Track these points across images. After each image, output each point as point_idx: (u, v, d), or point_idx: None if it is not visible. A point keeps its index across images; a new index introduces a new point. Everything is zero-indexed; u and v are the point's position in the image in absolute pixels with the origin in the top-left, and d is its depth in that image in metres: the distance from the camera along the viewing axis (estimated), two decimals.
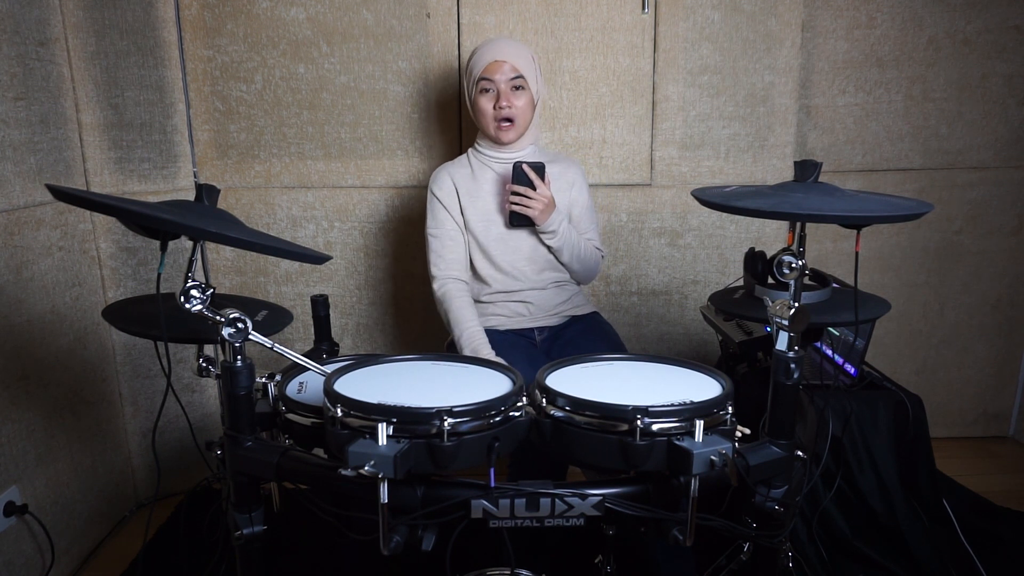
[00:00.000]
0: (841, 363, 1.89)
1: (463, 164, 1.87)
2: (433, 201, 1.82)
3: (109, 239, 2.04)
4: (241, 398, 1.08)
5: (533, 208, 1.72)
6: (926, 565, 1.71)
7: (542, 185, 1.73)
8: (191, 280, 1.02)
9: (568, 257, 1.83)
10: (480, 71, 1.73)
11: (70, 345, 1.90)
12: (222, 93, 2.17)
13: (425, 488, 1.01)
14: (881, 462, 1.74)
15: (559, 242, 1.79)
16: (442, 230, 1.81)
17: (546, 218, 1.75)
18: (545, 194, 1.73)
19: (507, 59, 1.71)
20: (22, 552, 1.73)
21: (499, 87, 1.72)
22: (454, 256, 1.81)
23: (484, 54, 1.73)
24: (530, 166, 1.73)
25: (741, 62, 2.20)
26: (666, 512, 1.02)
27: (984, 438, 2.62)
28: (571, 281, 1.92)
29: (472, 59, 1.77)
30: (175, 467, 2.24)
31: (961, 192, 2.43)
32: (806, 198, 1.07)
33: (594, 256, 1.89)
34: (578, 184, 1.88)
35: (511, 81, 1.72)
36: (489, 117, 1.76)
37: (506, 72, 1.72)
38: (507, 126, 1.76)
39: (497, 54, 1.72)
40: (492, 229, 1.81)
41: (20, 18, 1.72)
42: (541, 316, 1.86)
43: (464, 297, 1.78)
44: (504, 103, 1.72)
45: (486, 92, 1.74)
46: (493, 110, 1.74)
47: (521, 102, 1.75)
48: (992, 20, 2.30)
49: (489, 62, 1.72)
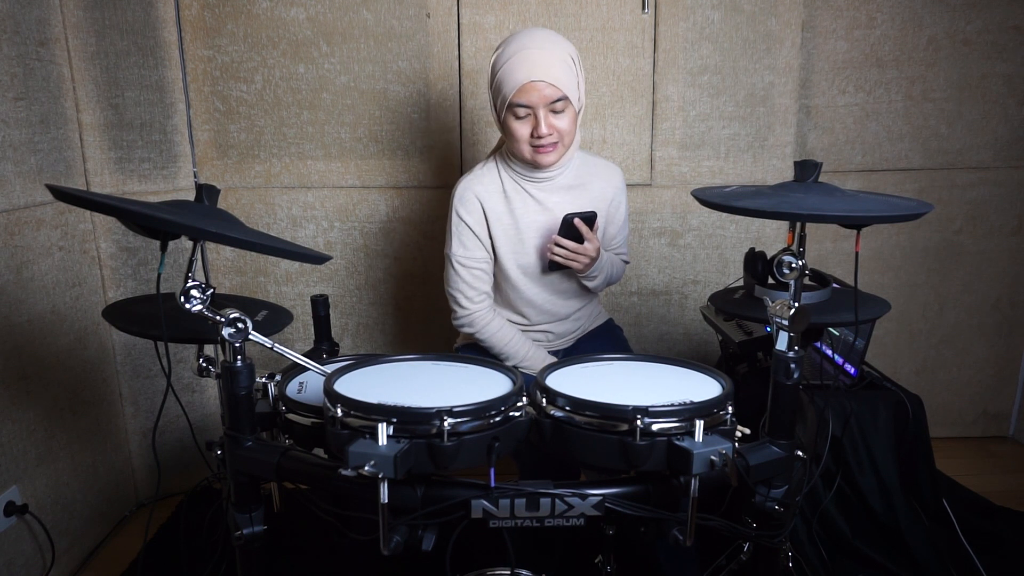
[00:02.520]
0: (841, 363, 1.89)
1: (493, 181, 1.61)
2: (460, 225, 1.60)
3: (109, 239, 2.04)
4: (241, 398, 1.08)
5: (579, 263, 1.56)
6: (926, 565, 1.71)
7: (592, 238, 1.54)
8: (191, 280, 1.02)
9: (600, 282, 1.69)
10: (512, 93, 1.44)
11: (70, 345, 1.90)
12: (222, 93, 2.17)
13: (425, 488, 1.01)
14: (881, 462, 1.74)
15: (599, 282, 1.67)
16: (472, 260, 1.61)
17: (590, 268, 1.60)
18: (592, 250, 1.54)
19: (545, 78, 1.42)
20: (22, 552, 1.73)
21: (536, 113, 1.46)
22: (484, 288, 1.64)
23: (516, 71, 1.43)
24: (582, 218, 1.51)
25: (741, 62, 2.20)
26: (666, 512, 1.02)
27: (984, 438, 2.62)
28: (591, 301, 1.81)
29: (500, 70, 1.47)
30: (175, 467, 2.24)
31: (961, 192, 2.43)
32: (806, 198, 1.07)
33: (621, 270, 1.78)
34: (619, 196, 1.70)
35: (552, 104, 1.46)
36: (524, 143, 1.51)
37: (545, 96, 1.44)
38: (547, 150, 1.51)
39: (532, 72, 1.42)
40: (523, 263, 1.64)
41: (20, 18, 1.72)
42: (558, 343, 1.80)
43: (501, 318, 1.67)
44: (544, 130, 1.46)
45: (521, 119, 1.49)
46: (530, 137, 1.50)
47: (563, 123, 1.49)
48: (992, 20, 2.30)
49: (523, 83, 1.43)
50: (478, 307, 1.64)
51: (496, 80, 1.49)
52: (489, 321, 1.64)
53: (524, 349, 1.66)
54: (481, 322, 1.64)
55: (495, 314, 1.67)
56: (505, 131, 1.54)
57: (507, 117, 1.50)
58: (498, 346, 1.65)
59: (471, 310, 1.64)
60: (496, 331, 1.65)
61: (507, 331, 1.66)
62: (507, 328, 1.66)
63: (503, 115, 1.51)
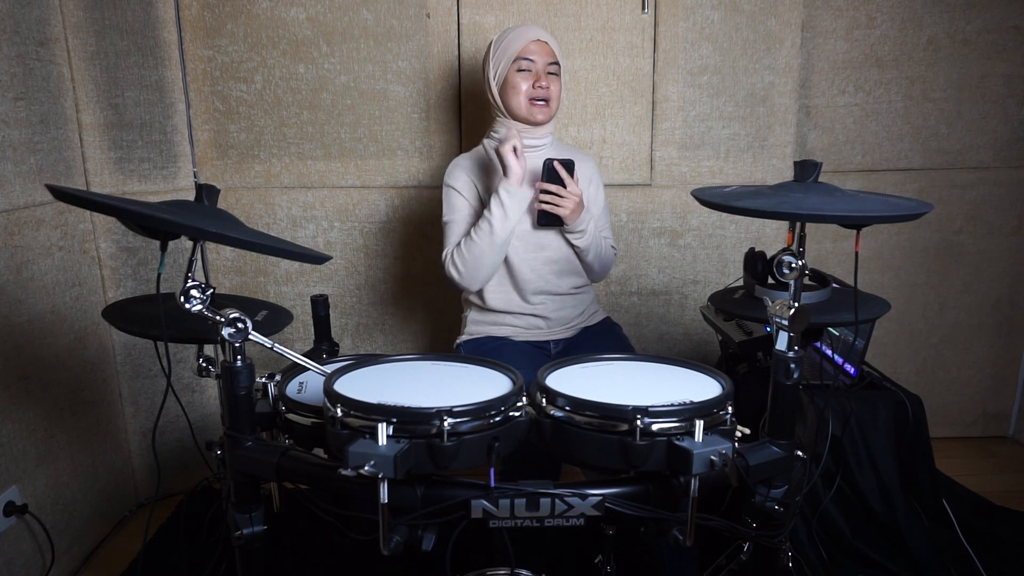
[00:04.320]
0: (841, 363, 1.89)
1: (480, 157, 1.78)
2: (449, 191, 1.75)
3: (109, 239, 2.04)
4: (241, 398, 1.08)
5: (564, 207, 1.65)
6: (926, 565, 1.71)
7: (572, 183, 1.65)
8: (191, 280, 1.02)
9: (592, 256, 1.76)
10: (519, 48, 1.67)
11: (70, 345, 1.90)
12: (222, 93, 2.17)
13: (425, 488, 1.01)
14: (881, 462, 1.74)
15: (587, 241, 1.73)
16: (460, 214, 1.73)
17: (576, 217, 1.68)
18: (576, 192, 1.65)
19: (548, 41, 1.69)
20: (22, 552, 1.73)
21: (538, 67, 1.67)
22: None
23: (524, 32, 1.68)
24: (560, 163, 1.64)
25: (741, 62, 2.20)
26: (666, 512, 1.02)
27: (984, 438, 2.62)
28: (587, 288, 1.86)
29: (506, 37, 1.70)
30: (175, 467, 2.24)
31: (961, 192, 2.43)
32: (806, 198, 1.07)
33: (610, 254, 1.85)
34: (595, 180, 1.83)
35: (549, 65, 1.69)
36: (524, 95, 1.68)
37: (547, 54, 1.68)
38: (541, 105, 1.69)
39: (539, 34, 1.68)
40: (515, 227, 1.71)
41: (20, 18, 1.72)
42: (558, 330, 1.82)
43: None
44: (543, 83, 1.67)
45: (524, 71, 1.68)
46: (531, 88, 1.68)
47: (555, 87, 1.71)
48: (992, 20, 2.30)
49: (531, 40, 1.67)
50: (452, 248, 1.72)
51: (500, 47, 1.70)
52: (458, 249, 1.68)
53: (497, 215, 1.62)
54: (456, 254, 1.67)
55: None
56: (506, 87, 1.70)
57: (510, 73, 1.68)
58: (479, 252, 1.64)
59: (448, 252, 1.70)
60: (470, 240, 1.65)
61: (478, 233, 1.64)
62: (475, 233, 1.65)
63: (507, 72, 1.68)
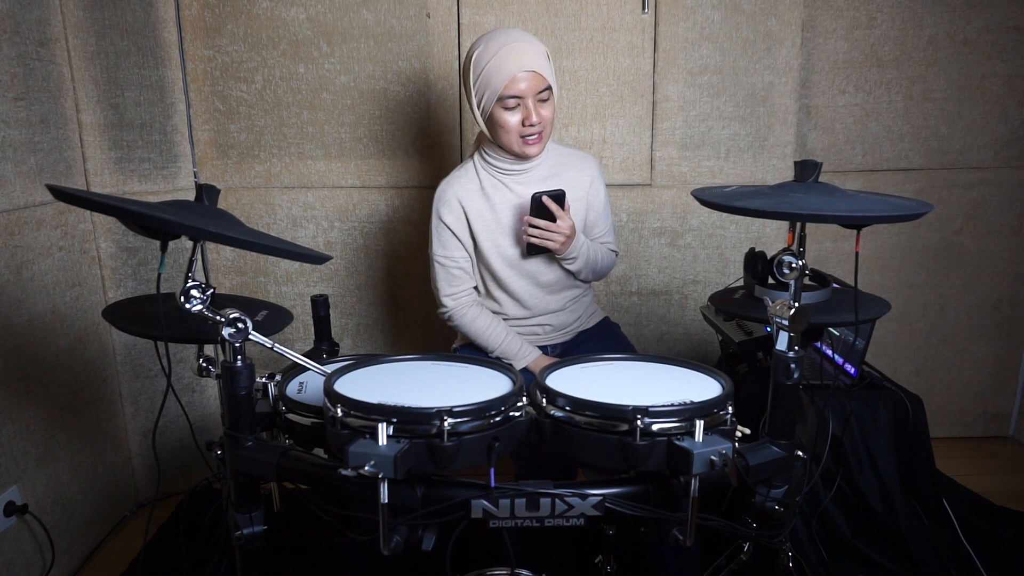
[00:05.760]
0: (841, 363, 1.89)
1: (471, 179, 1.67)
2: (440, 226, 1.66)
3: (109, 239, 2.04)
4: (241, 398, 1.08)
5: (554, 241, 1.58)
6: (926, 565, 1.71)
7: (563, 215, 1.57)
8: (191, 280, 1.02)
9: (586, 273, 1.72)
10: (503, 84, 1.49)
11: (70, 345, 1.90)
12: (222, 93, 2.17)
13: (425, 488, 1.01)
14: (881, 462, 1.74)
15: (579, 265, 1.68)
16: (451, 260, 1.68)
17: (567, 248, 1.61)
18: (566, 226, 1.57)
19: (533, 68, 1.50)
20: (22, 552, 1.73)
21: (527, 103, 1.52)
22: (464, 284, 1.71)
23: (505, 63, 1.49)
24: (550, 196, 1.55)
25: (741, 62, 2.20)
26: (666, 512, 1.02)
27: (984, 438, 2.62)
28: (585, 293, 1.83)
29: (486, 65, 1.51)
30: (175, 467, 2.24)
31: (961, 192, 2.43)
32: (806, 198, 1.07)
33: (609, 259, 1.79)
34: (595, 183, 1.73)
35: (539, 94, 1.53)
36: (514, 134, 1.56)
37: (534, 86, 1.51)
38: (534, 140, 1.57)
39: (522, 63, 1.49)
40: (506, 255, 1.68)
41: (20, 18, 1.72)
42: (556, 335, 1.82)
43: (480, 308, 1.71)
44: (535, 119, 1.53)
45: (511, 109, 1.53)
46: (521, 126, 1.55)
47: (548, 112, 1.56)
48: (992, 20, 2.30)
49: (514, 75, 1.49)
50: (457, 302, 1.71)
51: (482, 76, 1.53)
52: (466, 312, 1.71)
53: (500, 337, 1.70)
54: (459, 313, 1.71)
55: (477, 307, 1.72)
56: (493, 125, 1.57)
57: (496, 110, 1.54)
58: (475, 336, 1.72)
59: (450, 306, 1.71)
60: (472, 320, 1.70)
61: (482, 321, 1.70)
62: (483, 318, 1.71)
63: (491, 109, 1.54)
